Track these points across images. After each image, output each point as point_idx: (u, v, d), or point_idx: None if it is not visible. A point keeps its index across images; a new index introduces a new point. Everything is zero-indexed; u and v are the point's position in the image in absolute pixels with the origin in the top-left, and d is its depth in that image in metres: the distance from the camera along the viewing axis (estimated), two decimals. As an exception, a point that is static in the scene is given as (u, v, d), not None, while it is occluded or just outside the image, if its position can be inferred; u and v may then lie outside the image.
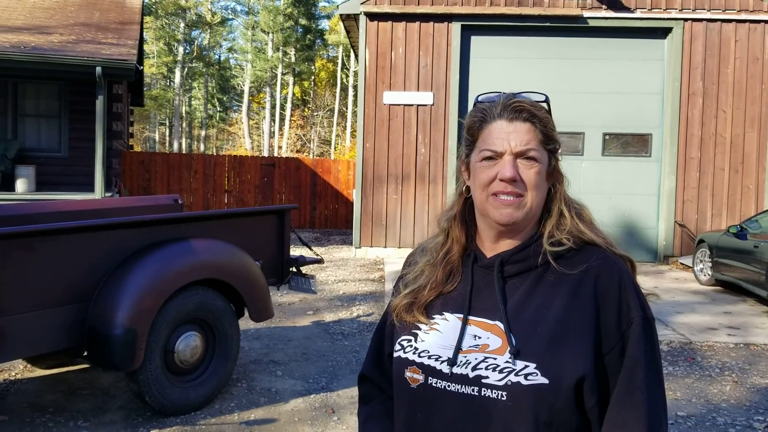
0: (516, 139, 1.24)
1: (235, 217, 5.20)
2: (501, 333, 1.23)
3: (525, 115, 1.25)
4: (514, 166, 1.23)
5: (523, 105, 1.25)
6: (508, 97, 1.27)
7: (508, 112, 1.25)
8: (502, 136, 1.24)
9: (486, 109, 1.28)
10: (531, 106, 1.25)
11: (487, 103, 1.28)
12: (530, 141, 1.24)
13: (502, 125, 1.25)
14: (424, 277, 1.37)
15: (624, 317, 1.22)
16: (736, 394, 5.07)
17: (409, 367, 1.30)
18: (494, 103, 1.27)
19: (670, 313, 7.52)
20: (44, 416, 4.31)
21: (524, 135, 1.24)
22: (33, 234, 3.83)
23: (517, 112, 1.25)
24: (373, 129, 11.29)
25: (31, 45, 10.33)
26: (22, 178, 10.80)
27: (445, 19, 11.18)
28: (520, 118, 1.25)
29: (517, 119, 1.24)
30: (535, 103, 1.27)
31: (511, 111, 1.25)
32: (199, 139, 45.73)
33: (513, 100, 1.26)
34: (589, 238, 1.29)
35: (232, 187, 16.56)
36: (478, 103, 1.31)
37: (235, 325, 4.68)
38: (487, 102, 1.29)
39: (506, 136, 1.24)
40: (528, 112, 1.25)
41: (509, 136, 1.24)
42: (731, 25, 11.01)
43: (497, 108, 1.26)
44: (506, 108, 1.25)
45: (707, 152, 11.08)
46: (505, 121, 1.25)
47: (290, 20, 40.27)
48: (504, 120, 1.25)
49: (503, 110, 1.25)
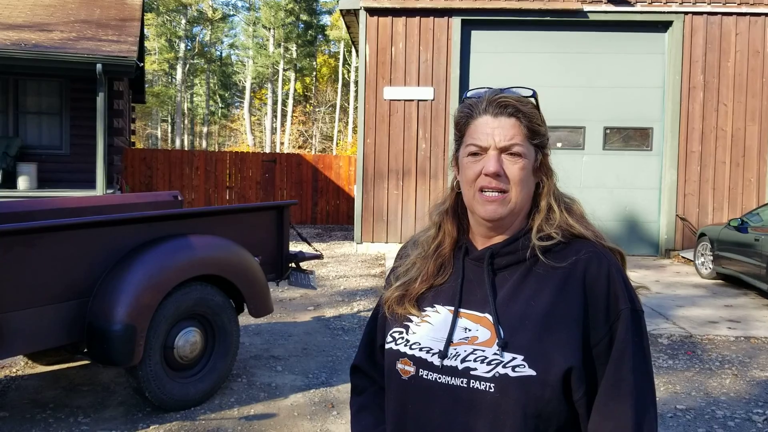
0: (500, 134, 1.24)
1: (234, 213, 5.20)
2: (490, 325, 1.24)
3: (510, 111, 1.25)
4: (498, 161, 1.24)
5: (508, 100, 1.26)
6: (494, 92, 1.28)
7: (493, 108, 1.26)
8: (486, 131, 1.25)
9: (472, 105, 1.29)
10: (516, 102, 1.26)
11: (474, 99, 1.30)
12: (515, 136, 1.25)
13: (487, 120, 1.26)
14: (415, 270, 1.38)
15: (612, 309, 1.22)
16: (736, 387, 5.07)
17: (401, 359, 1.31)
18: (480, 98, 1.28)
19: (671, 306, 7.52)
20: (45, 412, 4.33)
21: (509, 130, 1.25)
22: (32, 231, 3.84)
23: (502, 108, 1.25)
24: (374, 124, 11.28)
25: (32, 42, 10.34)
26: (23, 175, 10.82)
27: (445, 14, 11.17)
28: (504, 113, 1.25)
29: (502, 114, 1.25)
30: (521, 98, 1.28)
31: (496, 106, 1.26)
32: (201, 135, 45.78)
33: (498, 96, 1.26)
34: (578, 231, 1.30)
35: (234, 184, 16.57)
36: (465, 99, 1.32)
37: (235, 321, 4.69)
38: (473, 98, 1.30)
39: (491, 131, 1.25)
40: (513, 107, 1.25)
41: (494, 131, 1.25)
42: (732, 18, 10.98)
43: (483, 104, 1.27)
44: (491, 103, 1.26)
45: (708, 146, 11.06)
46: (490, 117, 1.26)
47: (291, 16, 40.26)
48: (489, 115, 1.26)
49: (488, 105, 1.26)
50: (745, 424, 4.37)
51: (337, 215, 16.81)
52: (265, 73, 41.11)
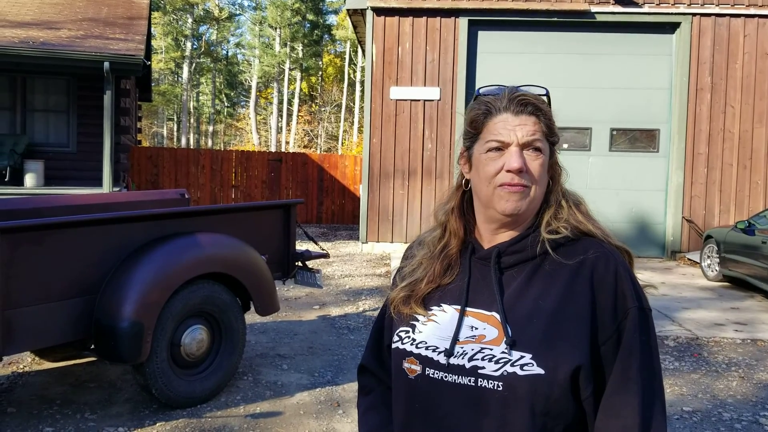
0: (522, 130, 1.25)
1: (241, 211, 5.21)
2: (498, 324, 1.24)
3: (530, 108, 1.26)
4: (521, 157, 1.24)
5: (528, 98, 1.26)
6: (513, 90, 1.28)
7: (515, 105, 1.26)
8: (508, 128, 1.25)
9: (490, 102, 1.29)
10: (535, 100, 1.27)
11: (491, 96, 1.29)
12: (536, 132, 1.26)
13: (508, 118, 1.26)
14: (421, 270, 1.38)
15: (620, 308, 1.22)
16: (743, 389, 5.06)
17: (407, 358, 1.31)
18: (499, 96, 1.28)
19: (677, 308, 7.51)
20: (51, 408, 4.35)
21: (530, 127, 1.25)
22: (41, 227, 3.86)
23: (523, 105, 1.26)
24: (380, 124, 11.29)
25: (40, 40, 10.38)
26: (30, 172, 10.87)
27: (452, 14, 11.16)
28: (526, 111, 1.26)
29: (523, 112, 1.26)
30: (538, 96, 1.28)
31: (517, 104, 1.26)
32: (206, 134, 45.85)
33: (518, 93, 1.27)
34: (586, 228, 1.30)
35: (240, 182, 16.60)
36: (480, 96, 1.32)
37: (241, 319, 4.71)
38: (490, 95, 1.30)
39: (513, 128, 1.25)
40: (533, 105, 1.26)
41: (516, 128, 1.25)
42: (740, 19, 10.94)
43: (503, 101, 1.27)
44: (512, 101, 1.26)
45: (715, 148, 11.03)
46: (511, 114, 1.26)
47: (298, 15, 40.27)
48: (510, 113, 1.26)
49: (509, 103, 1.26)
50: (752, 426, 4.36)
51: (343, 215, 16.82)
52: (271, 72, 41.14)
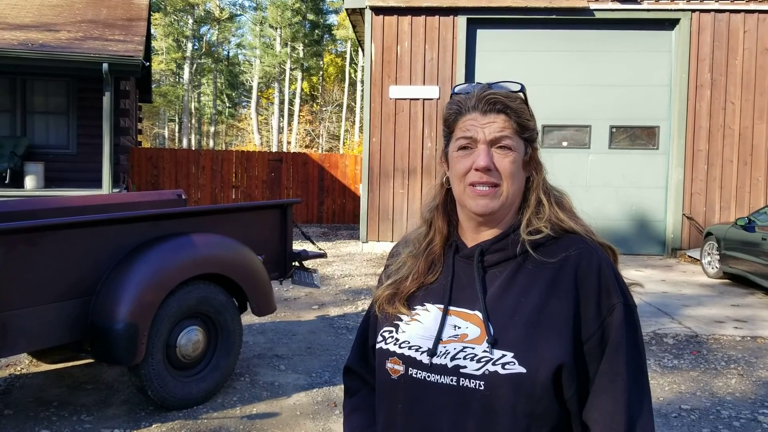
0: (490, 128, 1.25)
1: (237, 211, 5.19)
2: (480, 323, 1.23)
3: (499, 107, 1.25)
4: (488, 155, 1.24)
5: (497, 97, 1.25)
6: (483, 88, 1.27)
7: (483, 104, 1.26)
8: (476, 127, 1.25)
9: (461, 101, 1.29)
10: (505, 98, 1.26)
11: (462, 95, 1.29)
12: (504, 129, 1.25)
13: (476, 117, 1.26)
14: (406, 268, 1.38)
15: (604, 304, 1.21)
16: (742, 387, 5.04)
17: (390, 359, 1.30)
18: (469, 95, 1.28)
19: (676, 306, 7.48)
20: (48, 410, 4.34)
21: (499, 124, 1.25)
22: (36, 229, 3.85)
23: (491, 104, 1.25)
24: (380, 123, 11.28)
25: (39, 42, 10.39)
26: (30, 174, 10.88)
27: (451, 13, 11.15)
28: (494, 110, 1.25)
29: (492, 111, 1.25)
30: (510, 93, 1.27)
31: (485, 103, 1.25)
32: (208, 135, 45.86)
33: (487, 92, 1.26)
34: (568, 226, 1.29)
35: (240, 183, 16.60)
36: (453, 95, 1.32)
37: (238, 320, 4.70)
38: (462, 94, 1.30)
39: (481, 126, 1.25)
40: (501, 103, 1.25)
41: (483, 126, 1.25)
42: (740, 15, 10.91)
43: (471, 100, 1.27)
44: (480, 100, 1.26)
45: (715, 144, 11.00)
46: (479, 113, 1.26)
47: (298, 15, 40.30)
48: (478, 112, 1.26)
49: (477, 102, 1.26)
50: (751, 424, 4.34)
51: (343, 214, 16.81)
52: (272, 72, 41.17)
